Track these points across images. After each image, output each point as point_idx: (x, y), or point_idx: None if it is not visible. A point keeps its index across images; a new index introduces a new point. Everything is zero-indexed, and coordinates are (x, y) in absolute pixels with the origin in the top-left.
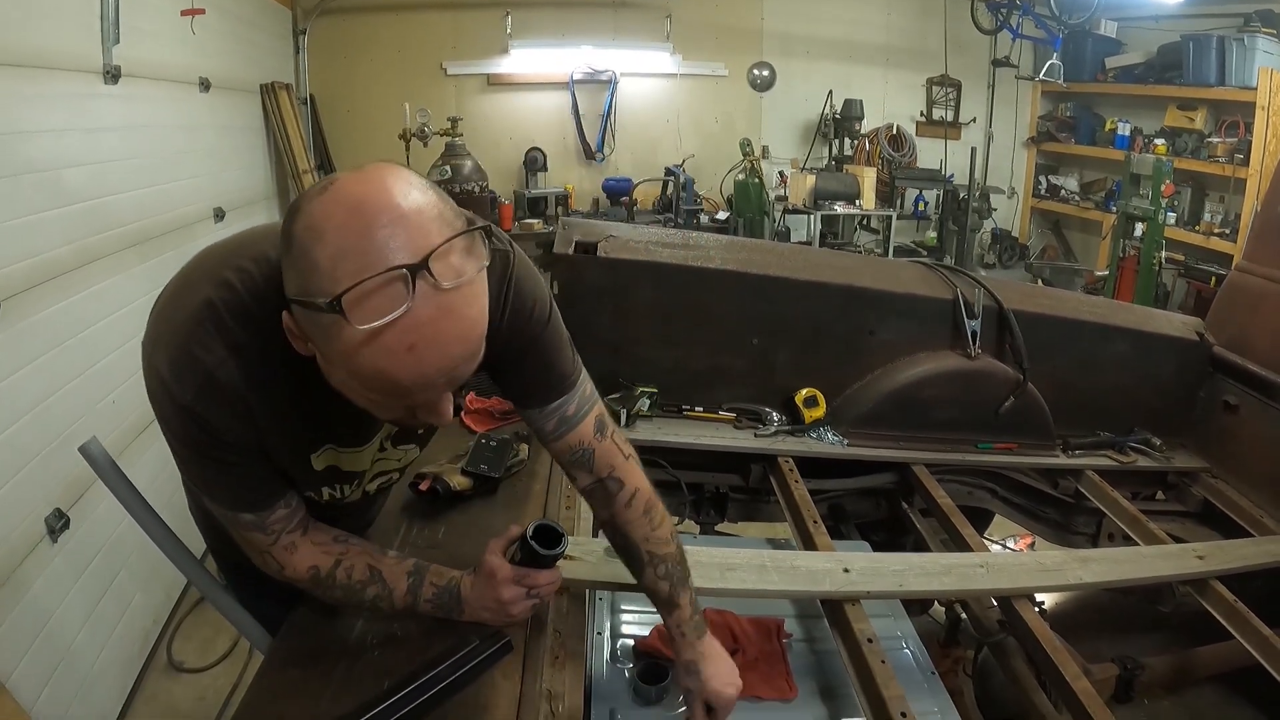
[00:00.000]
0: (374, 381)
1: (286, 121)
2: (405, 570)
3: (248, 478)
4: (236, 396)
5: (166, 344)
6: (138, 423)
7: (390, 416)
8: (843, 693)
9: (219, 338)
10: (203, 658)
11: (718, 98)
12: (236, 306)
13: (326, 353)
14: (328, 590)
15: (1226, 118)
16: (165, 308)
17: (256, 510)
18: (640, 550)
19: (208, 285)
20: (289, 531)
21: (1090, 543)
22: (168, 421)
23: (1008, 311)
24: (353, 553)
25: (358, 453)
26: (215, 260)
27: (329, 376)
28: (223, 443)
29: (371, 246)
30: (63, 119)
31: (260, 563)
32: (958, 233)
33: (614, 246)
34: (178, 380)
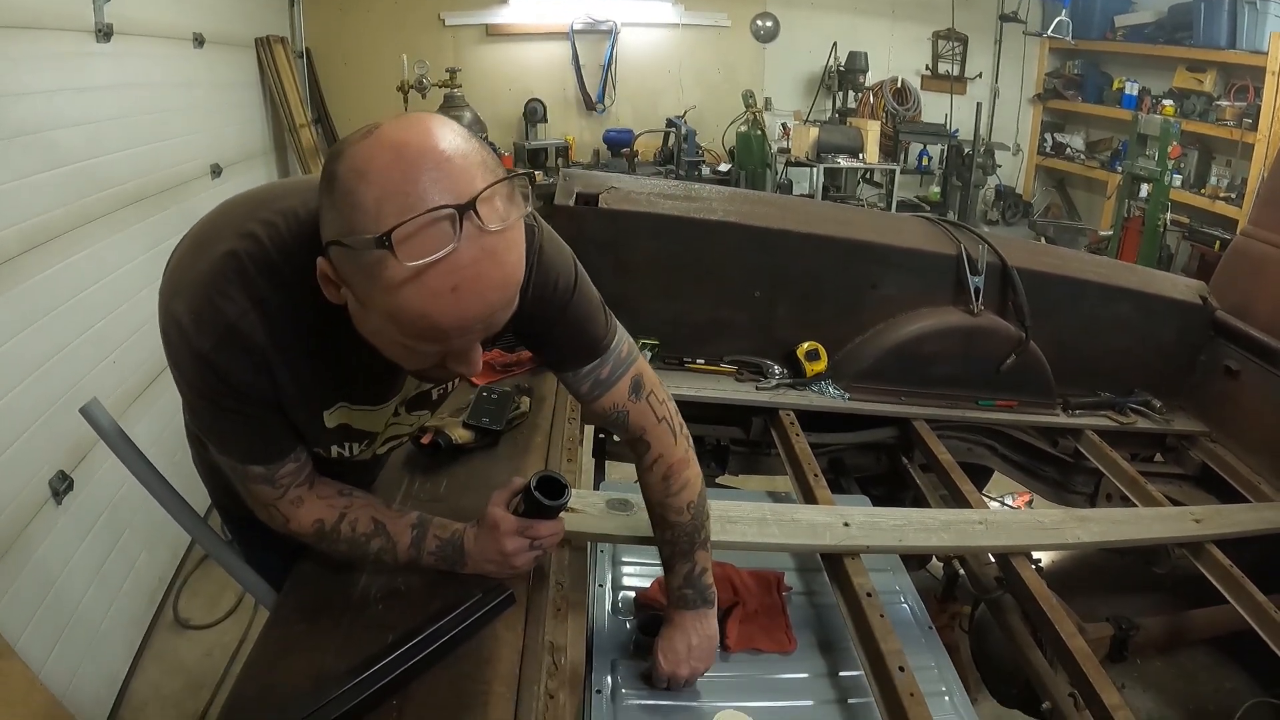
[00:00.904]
0: (413, 325)
1: (283, 76)
2: (409, 523)
3: (260, 430)
4: (256, 349)
5: (188, 293)
6: (139, 383)
7: (420, 366)
8: (841, 646)
9: (242, 289)
10: (208, 615)
11: (720, 48)
12: (261, 259)
13: (365, 296)
14: (332, 544)
15: (1236, 81)
16: (186, 256)
17: (267, 463)
18: (654, 512)
19: (232, 236)
20: (296, 485)
21: (1088, 502)
22: (182, 370)
23: (1011, 268)
24: (357, 505)
25: (372, 413)
26: (240, 212)
27: (361, 325)
28: (238, 394)
29: (416, 188)
30: (55, 79)
31: (265, 517)
32: (961, 188)
33: (615, 198)
34: (197, 329)
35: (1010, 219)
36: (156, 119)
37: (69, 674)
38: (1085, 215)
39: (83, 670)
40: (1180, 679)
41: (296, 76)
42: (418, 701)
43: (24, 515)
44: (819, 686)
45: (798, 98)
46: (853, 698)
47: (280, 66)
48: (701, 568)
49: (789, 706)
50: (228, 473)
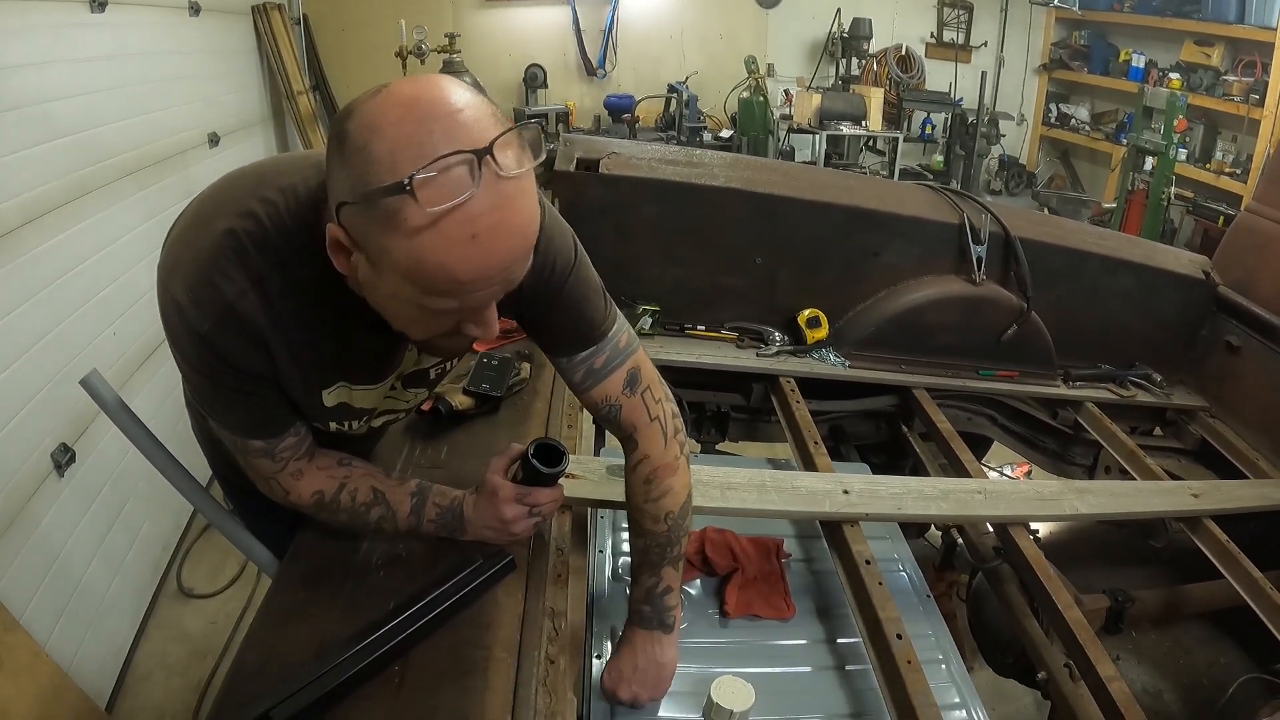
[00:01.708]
0: (432, 279)
1: (280, 43)
2: (408, 491)
3: (260, 407)
4: (254, 330)
5: (185, 271)
6: (139, 354)
7: (433, 333)
8: (839, 613)
9: (241, 268)
10: (212, 583)
11: (722, 13)
12: (260, 238)
13: (379, 256)
14: (332, 514)
15: (1244, 56)
16: (184, 233)
17: (267, 437)
18: (631, 516)
19: (232, 215)
20: (296, 459)
21: (1087, 474)
22: (182, 348)
23: (1014, 238)
24: (356, 475)
25: (369, 390)
26: (239, 189)
27: (373, 293)
28: (237, 372)
29: (431, 138)
30: (49, 50)
31: (265, 489)
32: (965, 157)
33: (616, 164)
34: (196, 308)
35: (1013, 189)
36: (153, 88)
37: (74, 645)
38: (1089, 187)
39: (88, 641)
40: (1175, 652)
41: (294, 43)
42: (419, 667)
43: (27, 488)
44: (817, 653)
45: (801, 64)
46: (850, 664)
47: (277, 33)
48: (666, 586)
49: (787, 673)
50: (228, 445)
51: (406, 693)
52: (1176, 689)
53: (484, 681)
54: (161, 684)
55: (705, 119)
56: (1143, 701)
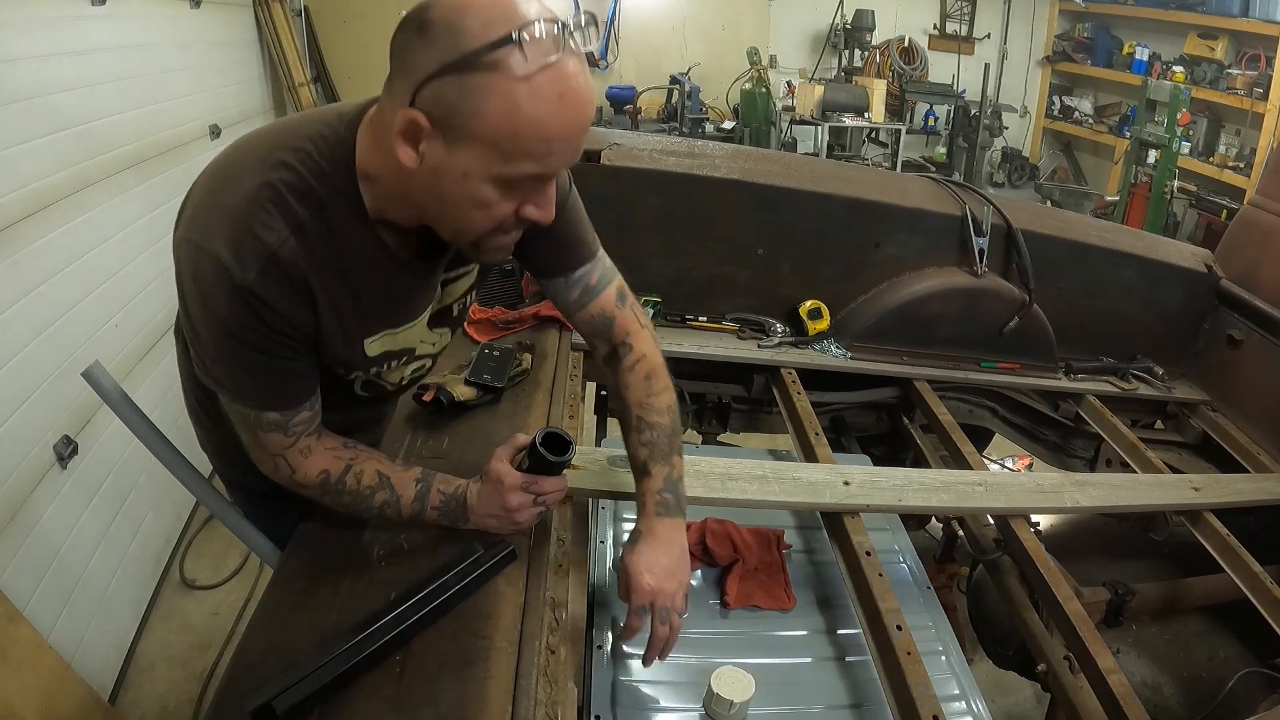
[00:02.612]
0: (524, 135)
1: (281, 34)
2: (413, 478)
3: (285, 373)
4: (298, 276)
5: (223, 227)
6: (141, 346)
7: (494, 220)
8: (840, 604)
9: (281, 217)
10: (215, 575)
11: (725, 4)
12: (298, 185)
13: (470, 120)
14: (336, 496)
15: (1248, 50)
16: (212, 195)
17: (285, 409)
18: (632, 413)
19: (262, 169)
20: (307, 435)
21: (1088, 467)
22: (215, 311)
23: (1016, 231)
24: (362, 458)
25: (410, 329)
26: (261, 147)
27: (440, 180)
28: (273, 331)
29: (517, 10)
30: (50, 43)
31: (271, 468)
32: (967, 150)
33: (618, 154)
34: (239, 260)
35: (1016, 181)
36: (154, 80)
37: (77, 636)
38: (1092, 180)
39: (91, 632)
40: (1174, 646)
41: (295, 35)
42: (420, 657)
43: (30, 480)
44: (817, 644)
45: (803, 55)
46: (850, 655)
47: (278, 25)
48: (680, 473)
49: (787, 663)
50: (235, 424)
51: (408, 682)
52: (1176, 682)
53: (485, 671)
54: (164, 675)
55: (707, 110)
56: (1142, 694)
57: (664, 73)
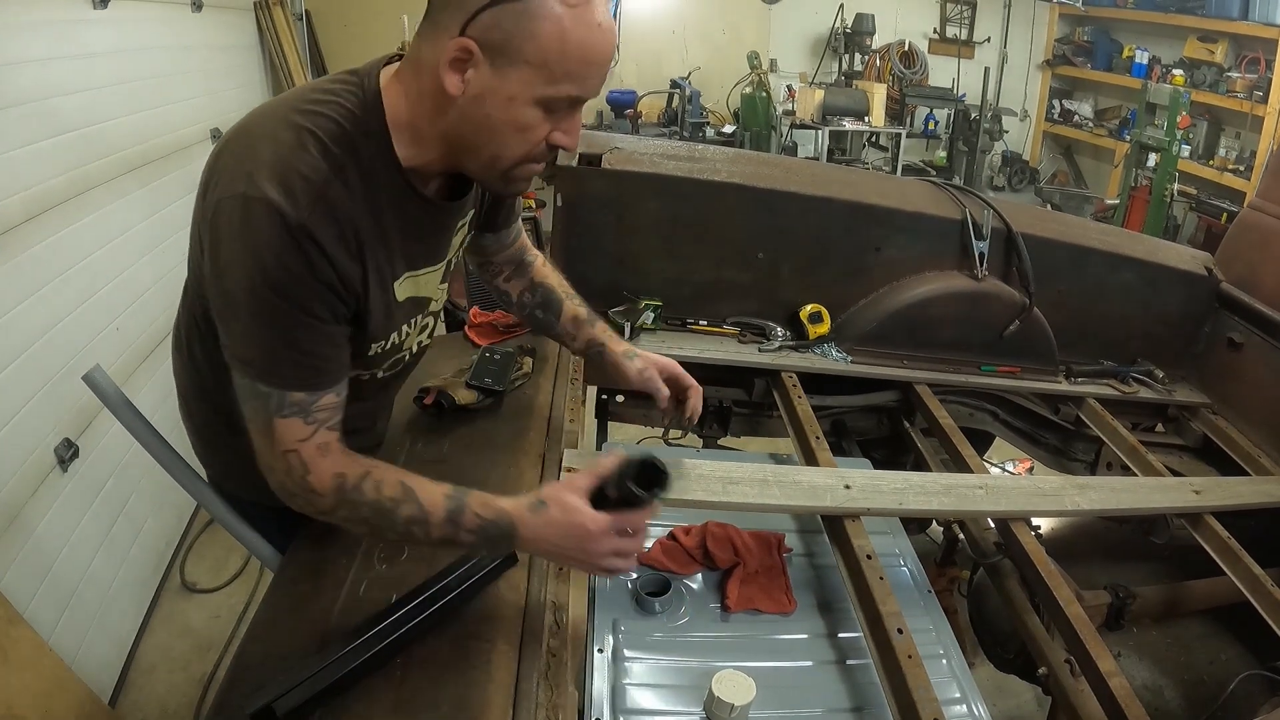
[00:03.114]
0: (570, 58)
1: (282, 38)
2: (443, 494)
3: (323, 339)
4: (344, 217)
5: (270, 173)
6: (142, 349)
7: (531, 144)
8: (840, 607)
9: (322, 159)
10: (215, 578)
11: (725, 8)
12: (332, 130)
13: (523, 43)
14: (354, 508)
15: (1248, 53)
16: (248, 151)
17: (314, 388)
18: (558, 291)
19: (295, 119)
20: (328, 427)
21: (1088, 470)
22: (264, 263)
23: (1016, 234)
24: (382, 467)
25: (431, 274)
26: (286, 106)
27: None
28: (319, 284)
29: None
30: (51, 46)
31: (283, 471)
32: (968, 153)
33: (618, 158)
34: (291, 199)
35: (1017, 185)
36: (155, 84)
37: (78, 639)
38: (1092, 183)
39: (91, 635)
40: (1176, 649)
41: (296, 39)
42: (421, 660)
43: (30, 483)
44: (818, 647)
45: (803, 60)
46: (851, 659)
47: (280, 29)
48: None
49: (788, 667)
50: (250, 419)
51: (408, 685)
52: (1177, 685)
53: (486, 674)
54: (165, 678)
55: (708, 114)
56: (1143, 697)
57: (664, 77)
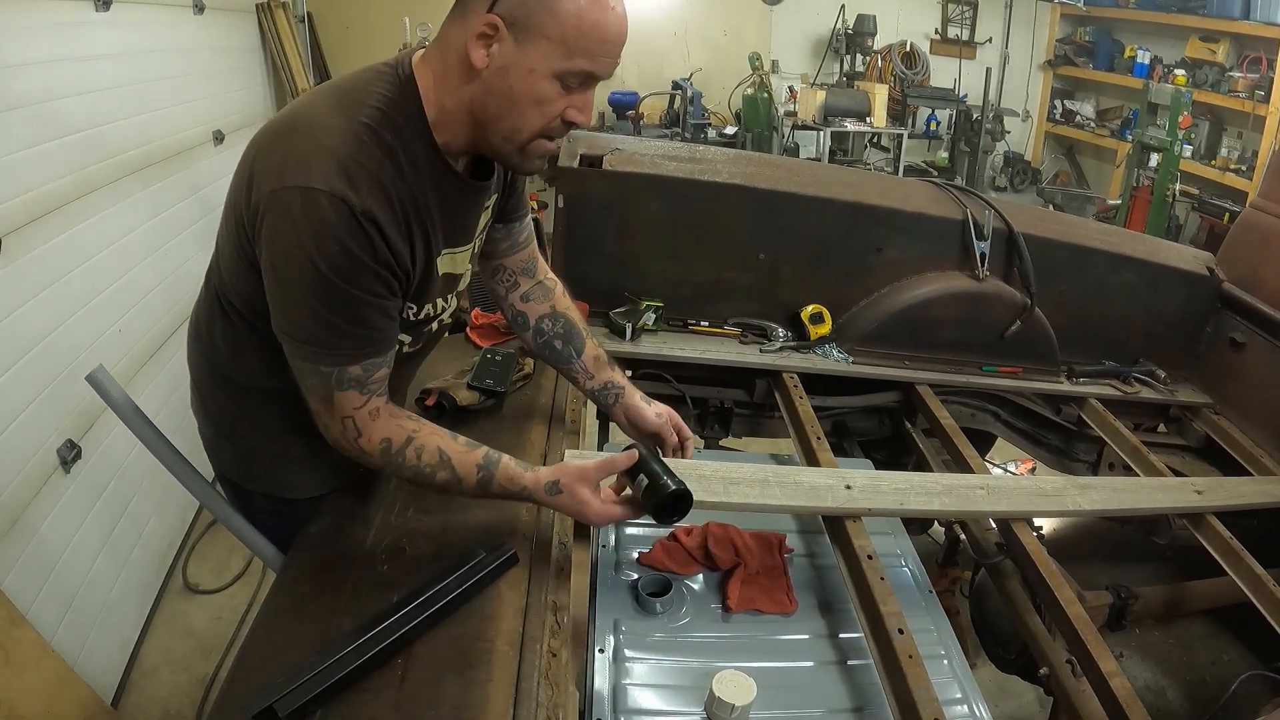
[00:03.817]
0: (586, 35)
1: (284, 41)
2: (475, 463)
3: (383, 314)
4: (397, 198)
5: (330, 165)
6: (145, 350)
7: (547, 118)
8: (841, 608)
9: (376, 148)
10: (217, 579)
11: (726, 10)
12: (380, 119)
13: (544, 19)
14: (397, 468)
15: (1249, 53)
16: (302, 145)
17: (373, 356)
18: (581, 326)
19: (345, 111)
20: (379, 395)
21: (1090, 471)
22: (328, 251)
23: (1018, 234)
24: (425, 433)
25: (464, 252)
26: (331, 98)
27: (506, 76)
28: (379, 265)
29: None
30: (54, 49)
31: (339, 432)
32: (969, 154)
33: (620, 160)
34: (355, 189)
35: (1018, 186)
36: (157, 86)
37: (80, 640)
38: (1094, 183)
39: (94, 636)
40: (1178, 649)
41: (298, 41)
42: (422, 659)
43: (33, 484)
44: (819, 648)
45: (805, 60)
46: (852, 659)
47: (281, 31)
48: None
49: (789, 667)
50: (308, 391)
51: (409, 685)
52: (1179, 685)
53: (487, 674)
54: (167, 679)
55: (709, 116)
56: (1145, 698)
57: (666, 78)
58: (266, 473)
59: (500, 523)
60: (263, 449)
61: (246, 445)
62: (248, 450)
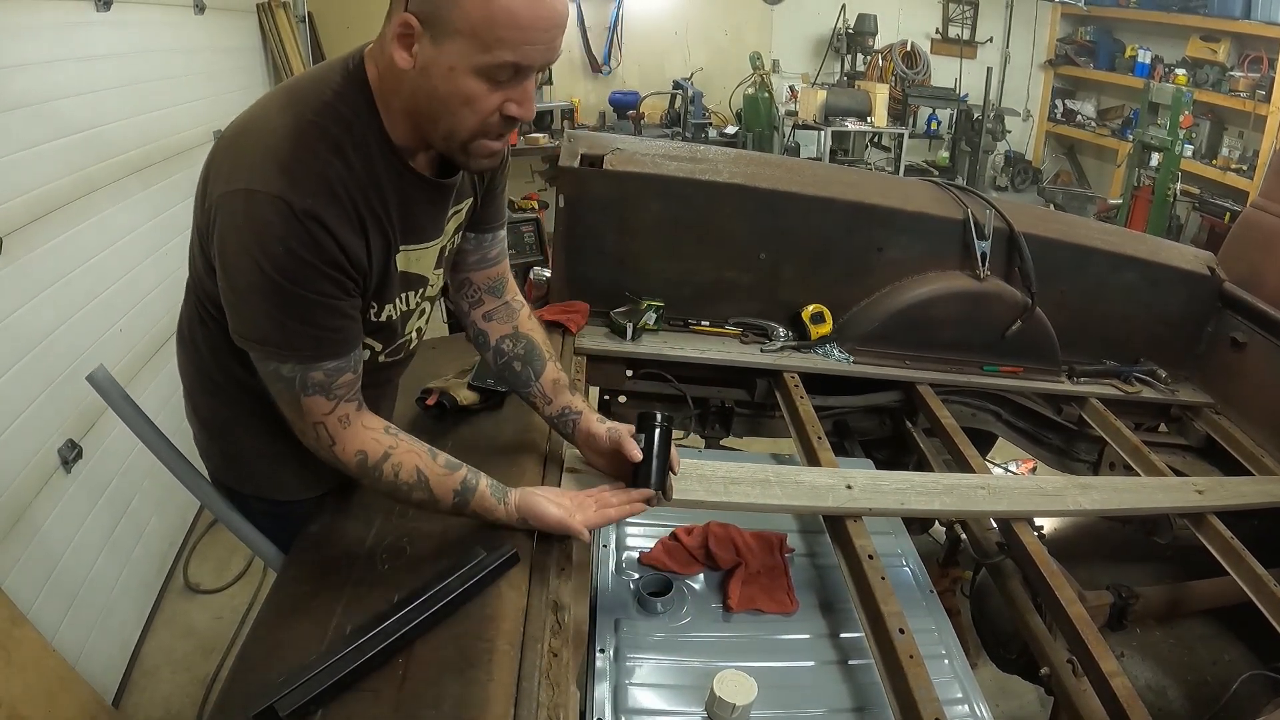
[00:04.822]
0: (498, 24)
1: (285, 41)
2: (451, 488)
3: (337, 313)
4: (346, 197)
5: (273, 164)
6: (146, 350)
7: (482, 114)
8: (842, 608)
9: (322, 142)
10: (218, 579)
11: (727, 9)
12: (327, 114)
13: (450, 14)
14: (374, 482)
15: (1250, 52)
16: (249, 146)
17: (334, 357)
18: (543, 349)
19: (290, 109)
20: (348, 400)
21: (1091, 470)
22: (271, 253)
23: (1018, 234)
24: (402, 448)
25: (427, 250)
26: (280, 98)
27: (430, 77)
28: (326, 266)
29: None
30: (55, 49)
31: (313, 439)
32: (970, 153)
33: (621, 159)
34: (295, 187)
35: (1019, 185)
36: (158, 86)
37: (81, 639)
38: (1095, 183)
39: (95, 635)
40: (1179, 649)
41: (299, 41)
42: (423, 659)
43: (34, 484)
44: (820, 647)
45: (805, 60)
46: (853, 659)
47: (282, 31)
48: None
49: (790, 667)
50: (277, 396)
51: (410, 685)
52: (1180, 685)
53: (487, 674)
54: (168, 679)
55: (710, 115)
56: (1146, 698)
57: (667, 78)
58: (259, 475)
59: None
60: (254, 451)
61: (238, 448)
62: (240, 453)
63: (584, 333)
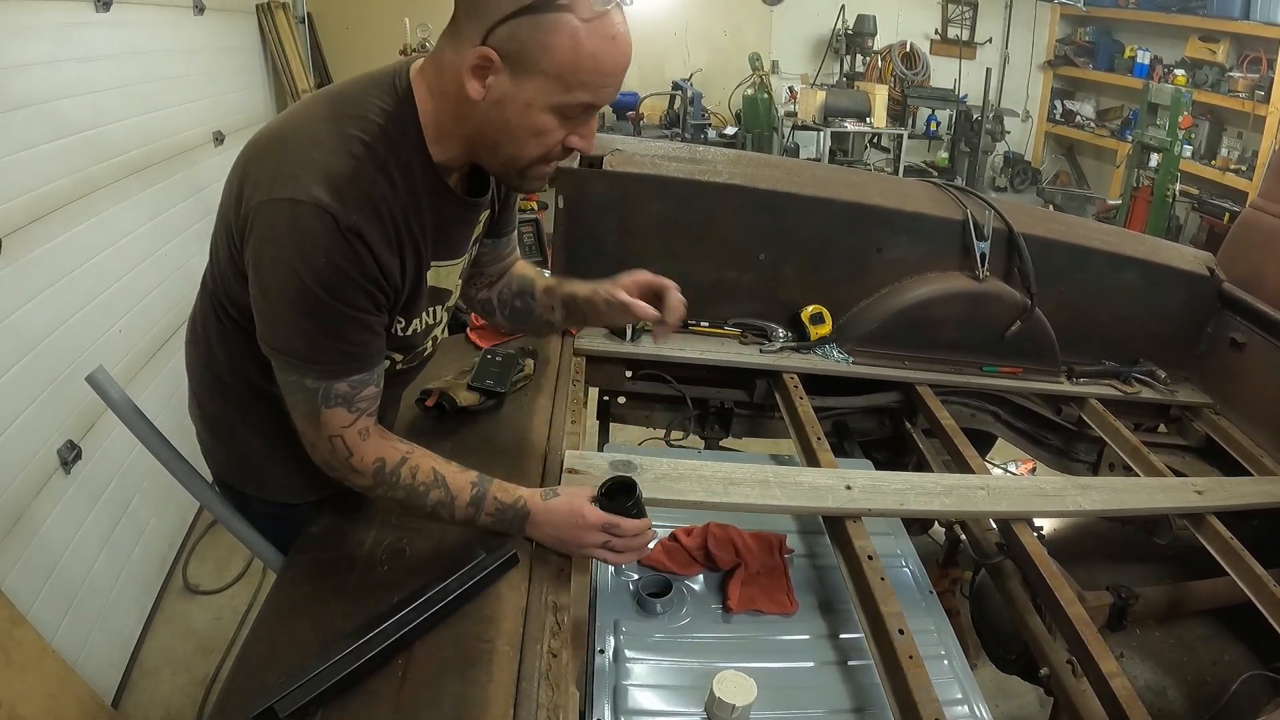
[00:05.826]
0: (583, 68)
1: (284, 41)
2: (469, 480)
3: (367, 330)
4: (388, 213)
5: (318, 177)
6: (146, 350)
7: (546, 146)
8: (842, 608)
9: (368, 160)
10: (218, 579)
11: (727, 10)
12: (374, 131)
13: (539, 54)
14: (390, 489)
15: (1249, 53)
16: (293, 155)
17: (359, 371)
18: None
19: (337, 123)
20: (368, 414)
21: (1091, 471)
22: (313, 264)
23: (1018, 235)
24: (418, 453)
25: (454, 266)
26: (324, 108)
27: (502, 109)
28: (365, 280)
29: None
30: (56, 50)
31: (328, 452)
32: (969, 154)
33: (620, 160)
34: (343, 203)
35: (1019, 186)
36: (158, 87)
37: (81, 640)
38: (1094, 183)
39: (94, 636)
40: (1178, 649)
41: (298, 42)
42: (422, 660)
43: (34, 485)
44: (820, 648)
45: (805, 61)
46: (853, 659)
47: (282, 32)
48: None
49: (789, 668)
50: (294, 407)
51: (410, 686)
52: (1180, 686)
53: (487, 674)
54: (168, 679)
55: (709, 116)
56: (1146, 698)
57: (666, 79)
58: (263, 477)
59: None
60: (259, 453)
61: (243, 449)
62: (244, 454)
63: (583, 333)
